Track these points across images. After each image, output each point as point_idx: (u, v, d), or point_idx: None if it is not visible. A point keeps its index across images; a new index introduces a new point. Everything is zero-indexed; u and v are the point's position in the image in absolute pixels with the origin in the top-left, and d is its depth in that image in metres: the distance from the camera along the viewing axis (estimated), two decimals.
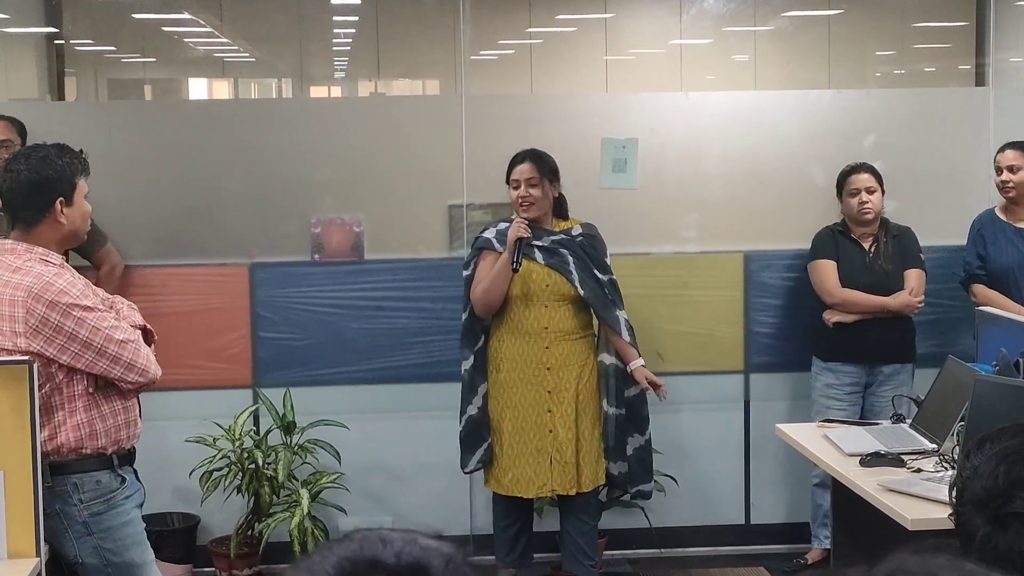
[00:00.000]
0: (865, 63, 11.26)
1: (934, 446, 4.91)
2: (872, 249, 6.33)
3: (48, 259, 4.15)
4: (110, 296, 4.36)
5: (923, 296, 6.29)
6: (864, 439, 5.12)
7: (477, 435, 5.98)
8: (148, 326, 4.40)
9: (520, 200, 5.80)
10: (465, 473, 6.10)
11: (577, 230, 5.90)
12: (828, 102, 6.86)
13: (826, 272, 6.33)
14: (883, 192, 6.35)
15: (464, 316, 5.97)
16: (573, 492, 5.84)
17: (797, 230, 6.61)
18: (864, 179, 6.32)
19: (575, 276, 5.79)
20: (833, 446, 5.12)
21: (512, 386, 5.82)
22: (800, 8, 10.36)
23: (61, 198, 4.17)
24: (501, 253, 5.79)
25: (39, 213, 4.17)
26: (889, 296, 6.25)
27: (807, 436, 5.37)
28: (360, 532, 1.30)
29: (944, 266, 6.61)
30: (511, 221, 5.85)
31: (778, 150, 6.75)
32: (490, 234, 5.92)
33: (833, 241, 6.37)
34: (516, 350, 5.82)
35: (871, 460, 4.81)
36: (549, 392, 5.79)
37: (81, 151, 4.28)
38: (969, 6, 8.54)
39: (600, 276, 5.86)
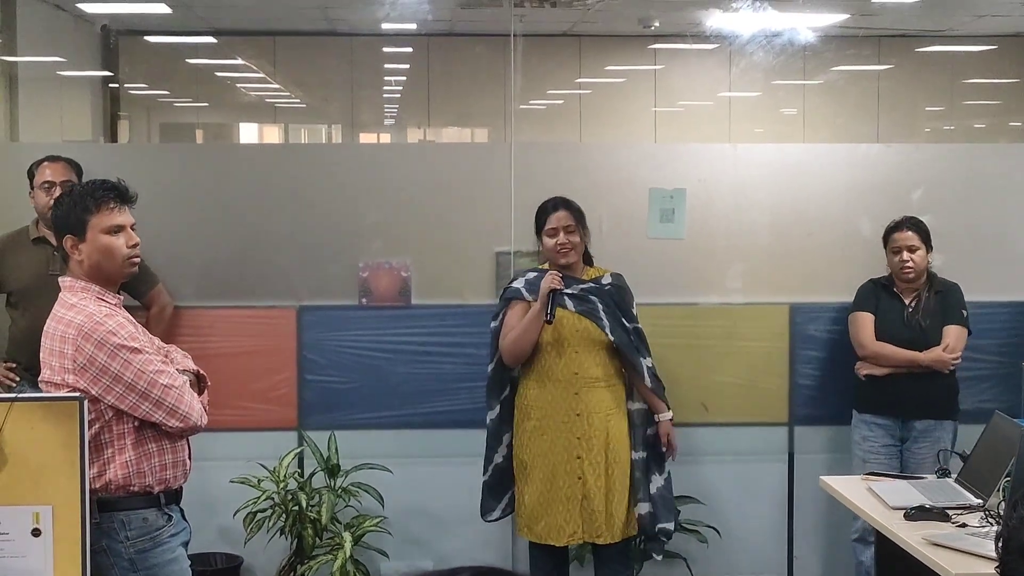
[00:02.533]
0: (914, 118, 11.27)
1: (979, 501, 4.89)
2: (912, 304, 6.31)
3: (104, 298, 4.20)
4: (165, 345, 4.40)
5: (959, 353, 6.23)
6: (909, 493, 5.10)
7: (502, 484, 6.01)
8: (201, 372, 4.43)
9: (559, 247, 5.82)
10: (487, 522, 6.11)
11: (607, 279, 5.91)
12: (877, 155, 6.86)
13: (862, 324, 6.32)
14: (929, 248, 6.33)
15: (490, 367, 5.98)
16: (602, 540, 5.82)
17: (843, 283, 6.59)
18: (907, 237, 6.30)
19: (605, 323, 5.80)
20: (878, 499, 5.11)
21: (542, 433, 5.82)
22: (849, 63, 10.40)
23: (70, 235, 4.23)
24: (530, 303, 5.80)
25: (65, 252, 4.27)
26: (923, 351, 6.23)
27: (851, 489, 5.36)
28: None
29: (991, 322, 6.59)
30: (538, 271, 5.88)
31: (826, 203, 6.75)
32: (519, 284, 5.93)
33: (874, 294, 6.36)
34: (546, 397, 5.82)
35: (916, 514, 4.79)
36: (579, 439, 5.78)
37: (113, 184, 4.30)
38: (1020, 63, 8.54)
39: (627, 324, 5.86)
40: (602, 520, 5.78)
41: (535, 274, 5.88)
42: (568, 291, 5.78)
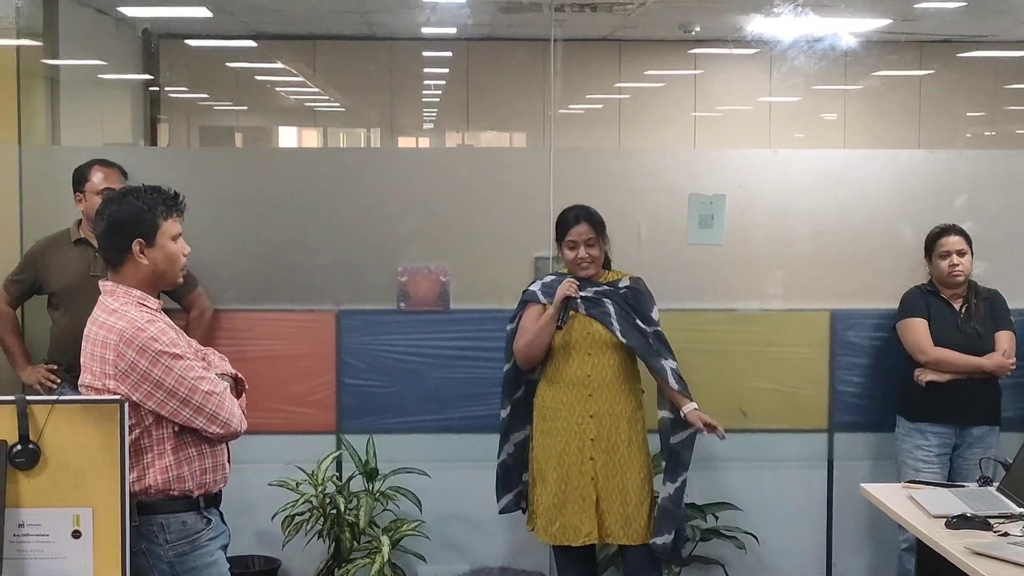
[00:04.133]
0: (956, 124, 11.21)
1: (1022, 510, 4.85)
2: (963, 310, 6.28)
3: (145, 303, 4.20)
4: (203, 348, 4.40)
5: (1015, 358, 6.23)
6: (951, 501, 5.06)
7: (508, 480, 6.06)
8: (240, 375, 4.44)
9: (579, 261, 5.81)
10: (500, 513, 6.12)
11: (624, 282, 5.88)
12: (919, 162, 6.82)
13: (919, 330, 6.28)
14: (972, 254, 6.30)
15: (506, 367, 5.99)
16: (615, 541, 5.81)
17: (884, 289, 6.56)
18: (955, 242, 6.28)
19: (616, 326, 5.77)
20: (919, 507, 5.07)
21: (556, 435, 5.81)
22: (890, 68, 10.35)
23: (140, 239, 4.21)
24: (545, 306, 5.80)
25: (121, 254, 4.21)
26: (983, 357, 6.20)
27: (892, 497, 5.32)
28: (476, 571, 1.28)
29: None
30: (557, 275, 5.87)
31: (867, 209, 6.71)
32: (535, 287, 5.93)
33: (924, 300, 6.32)
34: (560, 399, 5.82)
35: (957, 523, 4.76)
36: (592, 440, 5.76)
37: (176, 193, 4.31)
38: None
39: (644, 327, 5.83)
40: (617, 521, 5.75)
41: (552, 278, 5.88)
42: (582, 294, 5.77)
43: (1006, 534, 4.65)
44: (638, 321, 5.81)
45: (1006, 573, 4.22)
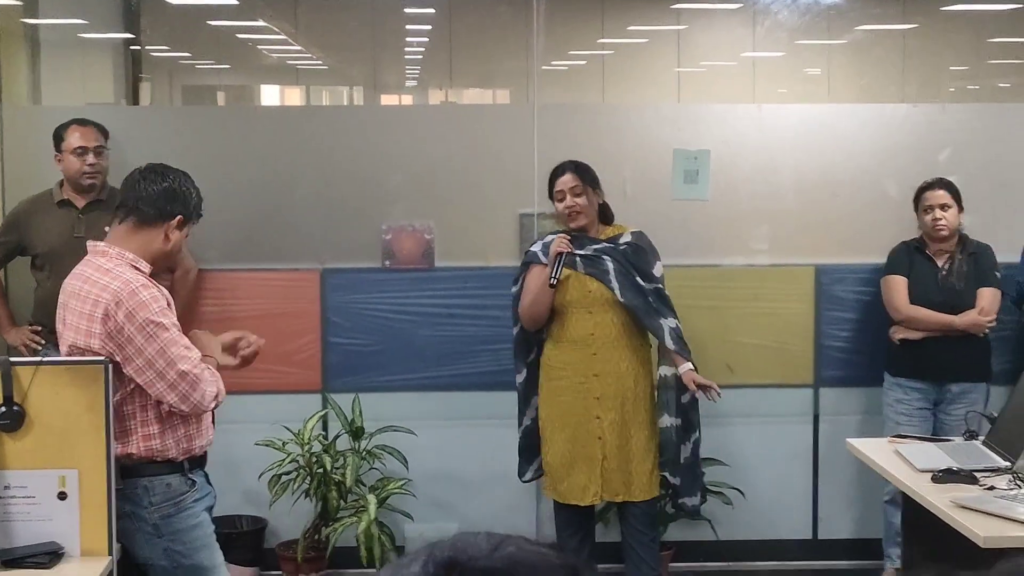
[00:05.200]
0: (939, 78, 11.17)
1: (1007, 464, 4.86)
2: (946, 266, 6.27)
3: (138, 266, 4.18)
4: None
5: (994, 315, 6.20)
6: (936, 455, 5.07)
7: (532, 446, 6.02)
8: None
9: (567, 211, 5.79)
10: (524, 482, 6.12)
11: (626, 238, 5.86)
12: (903, 116, 6.81)
13: (896, 288, 6.29)
14: (961, 209, 6.27)
15: (515, 330, 5.98)
16: (621, 499, 5.82)
17: (869, 244, 6.56)
18: (939, 195, 6.26)
19: (615, 285, 5.76)
20: (905, 462, 5.08)
21: (562, 394, 5.81)
22: (874, 22, 10.30)
23: (181, 216, 4.25)
24: (546, 265, 5.79)
25: (159, 218, 4.24)
26: (957, 314, 6.19)
27: (878, 451, 5.33)
28: (458, 534, 1.28)
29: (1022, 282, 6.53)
30: (557, 233, 5.85)
31: (851, 163, 6.71)
32: (537, 248, 5.91)
33: (907, 257, 6.32)
34: (565, 358, 5.81)
35: (943, 477, 4.77)
36: (597, 399, 5.77)
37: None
38: None
39: (644, 284, 5.80)
40: (621, 479, 5.77)
41: (552, 237, 5.85)
42: (581, 252, 5.75)
43: (992, 488, 4.66)
44: (638, 279, 5.79)
45: (992, 526, 4.23)
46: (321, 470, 6.24)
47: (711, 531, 6.59)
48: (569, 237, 5.71)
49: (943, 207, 6.24)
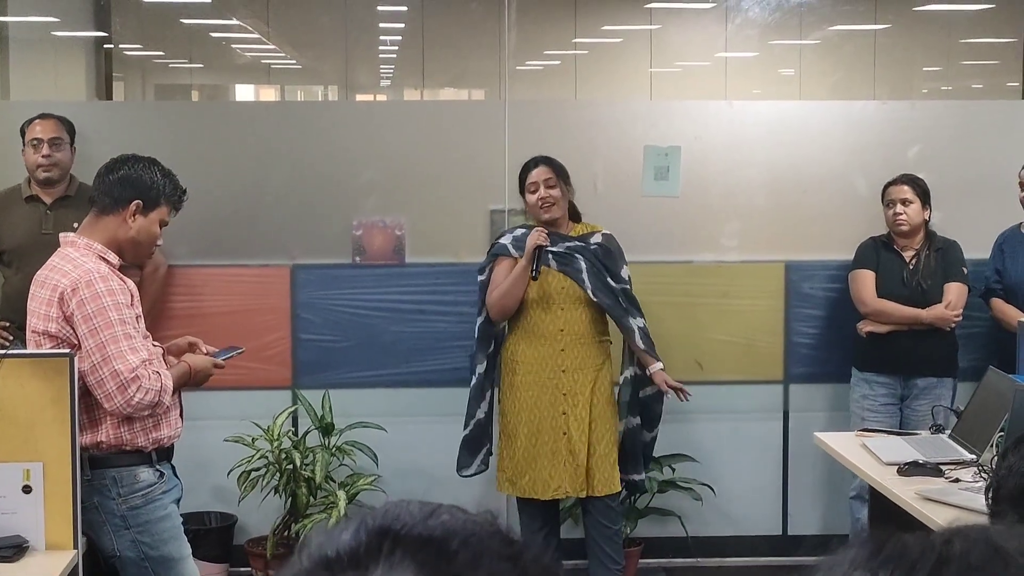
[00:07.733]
0: (911, 78, 11.22)
1: (973, 456, 4.89)
2: (913, 262, 6.29)
3: (106, 257, 4.20)
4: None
5: (960, 310, 6.23)
6: (903, 449, 5.09)
7: (480, 440, 6.04)
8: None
9: (541, 202, 5.81)
10: (463, 477, 6.10)
11: (596, 238, 5.90)
12: (873, 113, 6.83)
13: (864, 282, 6.31)
14: (926, 205, 6.30)
15: (479, 321, 5.99)
16: (584, 494, 5.84)
17: (839, 240, 6.57)
18: (901, 190, 6.28)
19: (587, 284, 5.79)
20: (871, 455, 5.11)
21: (528, 389, 5.83)
22: (846, 22, 10.34)
23: (139, 201, 4.25)
24: (517, 259, 5.79)
25: (116, 205, 4.26)
26: (924, 309, 6.21)
27: (845, 445, 5.35)
28: (389, 502, 1.28)
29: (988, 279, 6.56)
30: (526, 227, 5.87)
31: (821, 160, 6.72)
32: (506, 240, 5.92)
33: (875, 252, 6.34)
34: (532, 353, 5.83)
35: (909, 469, 4.79)
36: (564, 394, 5.79)
37: (184, 190, 4.45)
38: (1017, 22, 8.49)
39: (613, 285, 5.85)
40: (584, 474, 5.79)
41: (523, 231, 5.86)
42: (553, 249, 5.77)
43: (957, 480, 4.69)
44: (608, 279, 5.83)
45: (954, 518, 4.24)
46: (291, 466, 6.23)
47: (680, 527, 6.59)
48: (546, 231, 5.73)
49: (904, 202, 6.25)
